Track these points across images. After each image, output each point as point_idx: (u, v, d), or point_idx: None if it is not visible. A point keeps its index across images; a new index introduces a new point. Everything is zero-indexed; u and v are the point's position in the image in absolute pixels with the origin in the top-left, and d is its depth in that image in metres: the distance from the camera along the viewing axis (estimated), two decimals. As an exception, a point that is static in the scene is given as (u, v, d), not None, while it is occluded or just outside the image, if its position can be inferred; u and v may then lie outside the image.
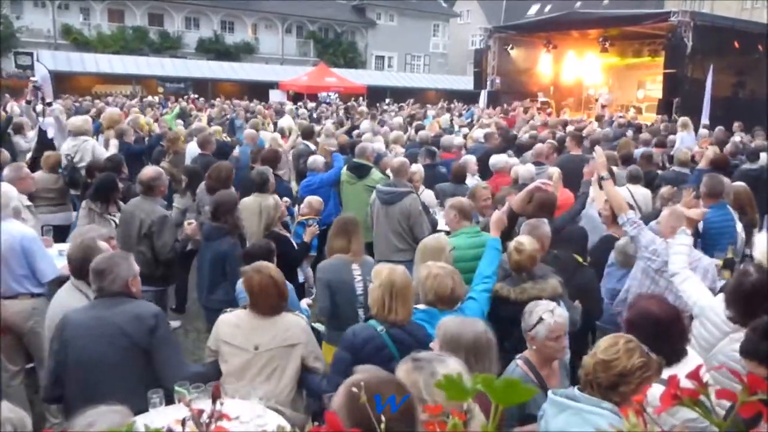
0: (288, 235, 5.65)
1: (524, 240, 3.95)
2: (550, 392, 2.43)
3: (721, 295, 3.39)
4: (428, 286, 3.46)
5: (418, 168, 7.09)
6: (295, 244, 5.50)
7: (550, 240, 4.45)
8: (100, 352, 3.11)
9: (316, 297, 6.01)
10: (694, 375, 0.83)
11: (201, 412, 0.89)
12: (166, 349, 3.20)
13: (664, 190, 6.20)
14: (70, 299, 3.58)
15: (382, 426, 1.08)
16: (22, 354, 4.59)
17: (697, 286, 3.70)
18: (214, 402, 1.04)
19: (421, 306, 3.47)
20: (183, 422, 0.85)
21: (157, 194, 5.47)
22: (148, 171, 5.55)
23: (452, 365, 1.96)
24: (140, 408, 2.92)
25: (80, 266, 3.65)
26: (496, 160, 7.80)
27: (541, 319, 3.12)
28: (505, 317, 3.50)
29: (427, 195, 6.87)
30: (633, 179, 6.94)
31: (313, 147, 9.26)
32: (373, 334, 3.19)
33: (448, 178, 7.46)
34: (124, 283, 3.26)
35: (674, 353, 2.71)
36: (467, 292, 3.77)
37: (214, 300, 4.88)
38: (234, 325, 3.40)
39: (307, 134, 10.05)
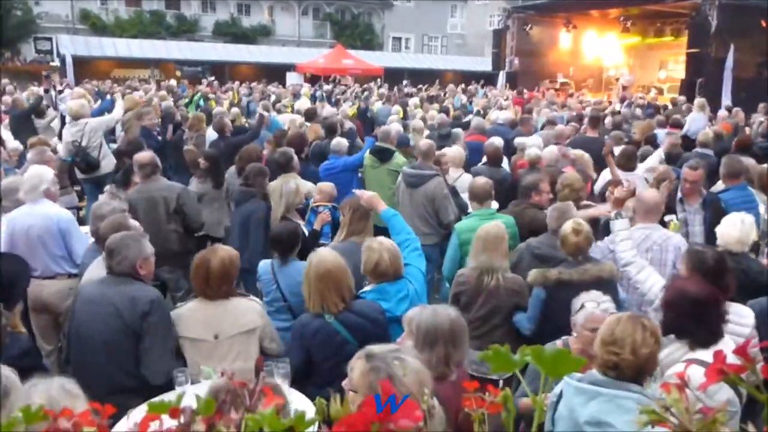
0: (301, 222, 5.64)
1: (582, 221, 3.90)
2: (566, 377, 2.33)
3: None
4: (362, 259, 3.50)
5: (455, 151, 6.98)
6: (306, 232, 5.50)
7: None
8: (94, 328, 3.20)
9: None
10: (741, 351, 0.83)
11: (244, 384, 0.90)
12: (153, 337, 3.20)
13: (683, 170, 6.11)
14: (99, 273, 3.61)
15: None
16: (58, 334, 4.69)
17: (655, 276, 3.61)
18: (257, 375, 1.06)
19: (368, 287, 3.49)
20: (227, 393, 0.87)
21: (158, 173, 5.53)
22: (145, 153, 5.59)
23: (411, 363, 1.87)
24: (130, 386, 3.07)
25: None
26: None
27: (582, 306, 3.10)
28: (565, 301, 3.39)
29: (466, 178, 6.66)
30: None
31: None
32: (322, 324, 3.17)
33: (470, 160, 7.34)
34: (131, 264, 3.30)
35: (711, 335, 2.68)
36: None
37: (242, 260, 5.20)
38: (188, 317, 3.38)
39: (311, 117, 10.02)
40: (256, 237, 5.24)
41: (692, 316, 2.63)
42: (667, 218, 4.95)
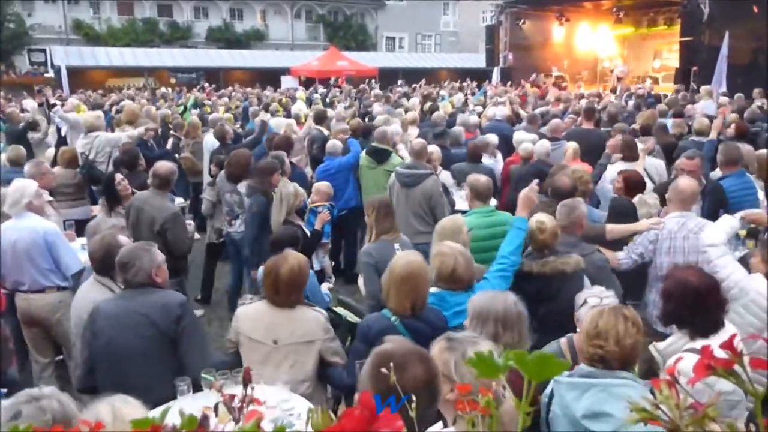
0: (301, 223, 5.67)
1: (544, 218, 3.91)
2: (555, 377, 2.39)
3: (759, 276, 3.27)
4: (434, 266, 3.47)
5: (435, 149, 6.99)
6: (307, 232, 5.53)
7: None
8: (128, 342, 3.16)
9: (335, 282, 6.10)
10: (728, 345, 0.82)
11: (233, 397, 0.90)
12: (190, 338, 3.23)
13: (679, 161, 6.11)
14: (94, 294, 3.64)
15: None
16: (51, 346, 4.69)
17: (735, 265, 3.50)
18: (245, 387, 1.06)
19: (433, 289, 3.46)
20: (215, 408, 0.86)
21: (168, 190, 5.51)
22: (166, 165, 5.51)
23: (485, 347, 1.95)
24: (168, 396, 2.95)
25: (102, 262, 3.72)
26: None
27: (585, 302, 3.12)
28: (529, 293, 3.44)
29: (444, 176, 6.77)
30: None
31: (326, 132, 9.18)
32: (387, 325, 3.18)
33: (464, 158, 7.36)
34: (147, 274, 3.31)
35: (711, 324, 2.67)
36: (483, 272, 3.75)
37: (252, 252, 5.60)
38: (253, 318, 3.41)
39: (320, 119, 9.98)
40: (251, 228, 5.55)
41: (692, 307, 2.62)
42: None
